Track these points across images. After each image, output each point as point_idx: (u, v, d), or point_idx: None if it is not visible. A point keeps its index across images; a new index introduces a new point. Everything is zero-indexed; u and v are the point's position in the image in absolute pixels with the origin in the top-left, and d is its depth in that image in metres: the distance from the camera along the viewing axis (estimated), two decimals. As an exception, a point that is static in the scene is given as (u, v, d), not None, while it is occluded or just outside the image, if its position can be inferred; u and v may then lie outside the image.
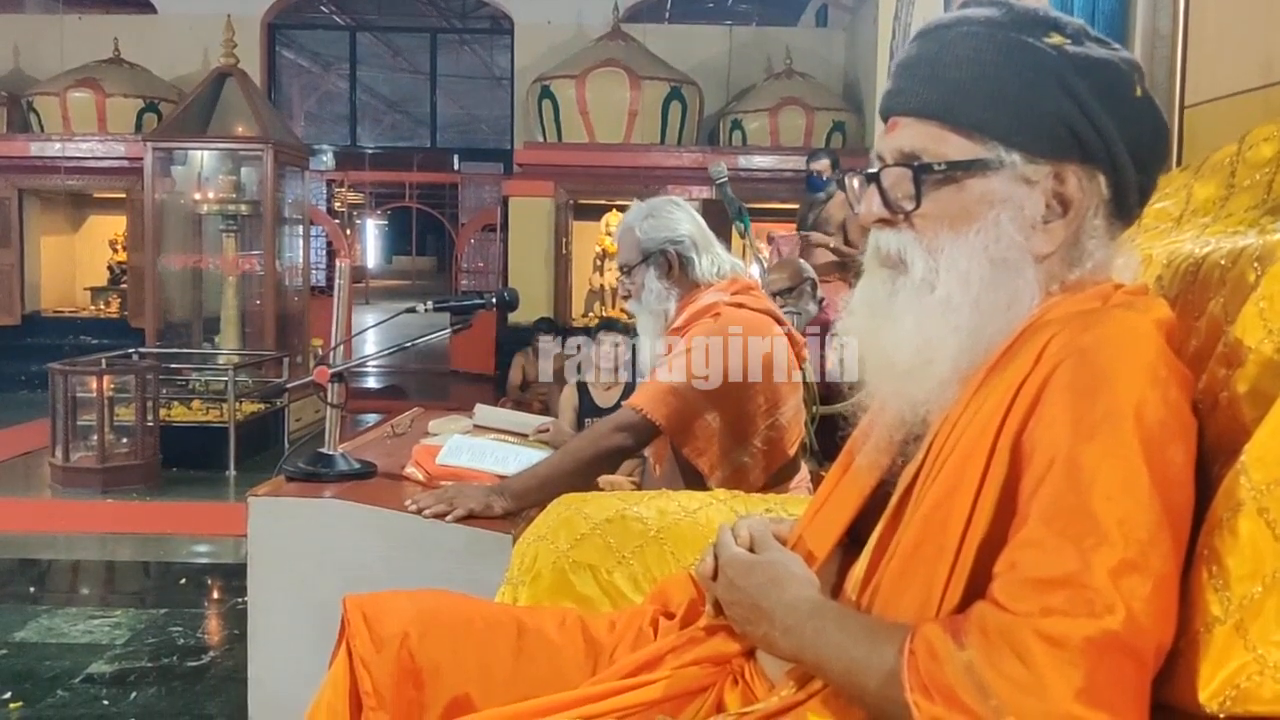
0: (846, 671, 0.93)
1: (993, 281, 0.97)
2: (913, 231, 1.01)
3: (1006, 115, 0.97)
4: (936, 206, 0.99)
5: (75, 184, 8.82)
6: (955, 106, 0.99)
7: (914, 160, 1.00)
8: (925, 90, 1.00)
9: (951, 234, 0.99)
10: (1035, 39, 0.98)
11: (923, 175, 0.99)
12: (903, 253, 1.01)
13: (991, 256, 0.98)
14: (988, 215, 0.98)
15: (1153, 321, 0.93)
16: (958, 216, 0.99)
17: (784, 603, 1.00)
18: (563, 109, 8.57)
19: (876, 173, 1.03)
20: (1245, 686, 0.81)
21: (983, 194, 0.98)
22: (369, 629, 1.18)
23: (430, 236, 23.74)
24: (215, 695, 2.99)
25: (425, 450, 2.24)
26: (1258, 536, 0.82)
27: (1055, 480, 0.86)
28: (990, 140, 0.98)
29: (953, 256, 0.98)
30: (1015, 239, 0.98)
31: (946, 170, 0.98)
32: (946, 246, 0.99)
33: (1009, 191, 0.98)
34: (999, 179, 0.98)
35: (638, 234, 2.26)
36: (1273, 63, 1.60)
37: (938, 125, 0.99)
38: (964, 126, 0.98)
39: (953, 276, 0.98)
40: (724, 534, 1.10)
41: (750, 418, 2.16)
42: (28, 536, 4.77)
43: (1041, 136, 0.97)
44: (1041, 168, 0.98)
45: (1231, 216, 1.15)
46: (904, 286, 1.01)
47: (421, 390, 9.24)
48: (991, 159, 0.98)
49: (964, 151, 0.98)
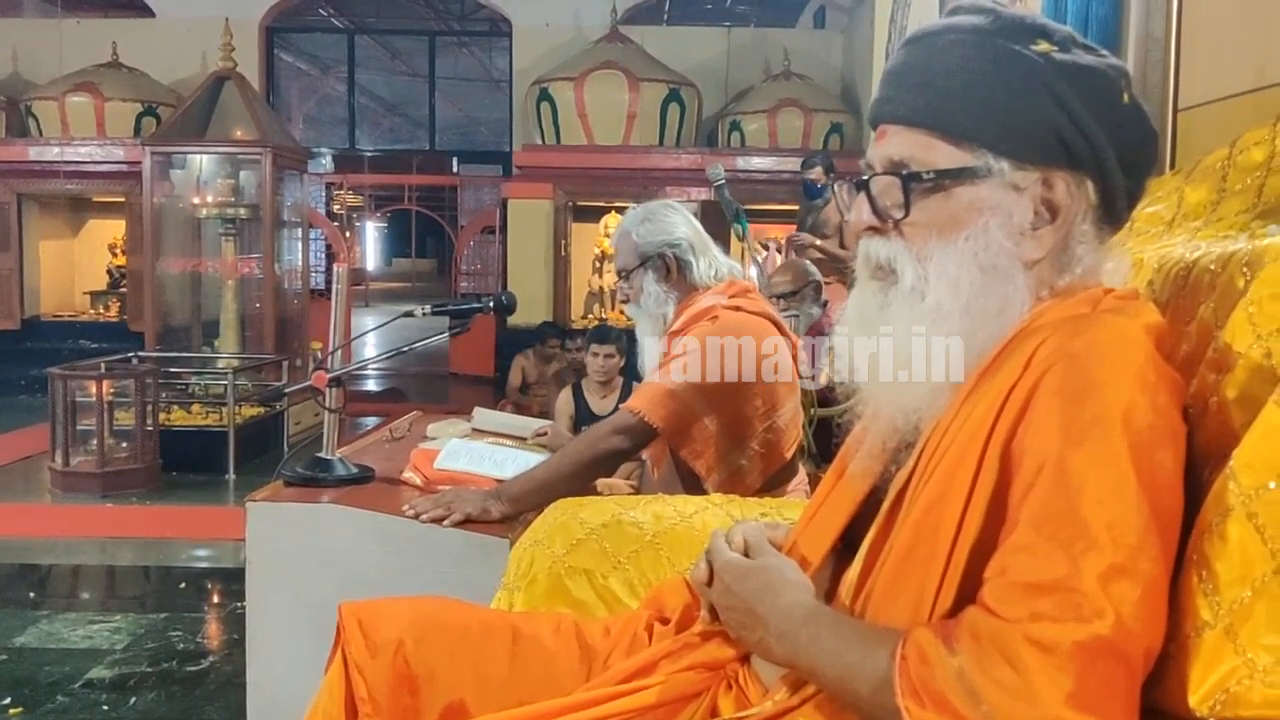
0: (840, 677, 0.93)
1: (983, 288, 0.98)
2: (902, 240, 1.01)
3: (995, 123, 0.98)
4: (925, 215, 0.99)
5: (74, 188, 8.82)
6: (943, 114, 0.99)
7: (902, 168, 1.00)
8: (914, 98, 1.01)
9: (940, 242, 0.99)
10: (1023, 47, 0.99)
11: (911, 184, 0.99)
12: (892, 261, 1.02)
13: (981, 263, 0.98)
14: (976, 223, 0.98)
15: (1142, 326, 0.93)
16: (946, 224, 0.99)
17: (779, 608, 1.00)
18: (561, 111, 8.57)
19: (866, 181, 1.03)
20: (1235, 690, 0.81)
21: (971, 201, 0.98)
22: (364, 635, 1.18)
23: (430, 239, 23.75)
24: (215, 700, 2.99)
25: (423, 454, 2.24)
26: (1247, 541, 0.83)
27: (1044, 485, 0.87)
28: (979, 148, 0.98)
29: (942, 264, 0.99)
30: (1005, 245, 0.98)
31: (935, 179, 0.99)
32: (936, 254, 0.99)
33: (997, 199, 0.98)
34: (987, 186, 0.98)
35: (635, 238, 2.27)
36: (1265, 66, 1.61)
37: (926, 133, 1.00)
38: (952, 135, 0.99)
39: (943, 284, 0.98)
40: (718, 539, 1.10)
41: (747, 420, 2.17)
42: (27, 541, 4.78)
43: (1029, 144, 0.98)
44: (1030, 174, 0.98)
45: (1222, 221, 1.16)
46: (895, 296, 1.01)
47: (421, 393, 9.24)
48: (980, 166, 0.98)
49: (952, 160, 0.99)
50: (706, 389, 2.10)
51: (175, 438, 5.93)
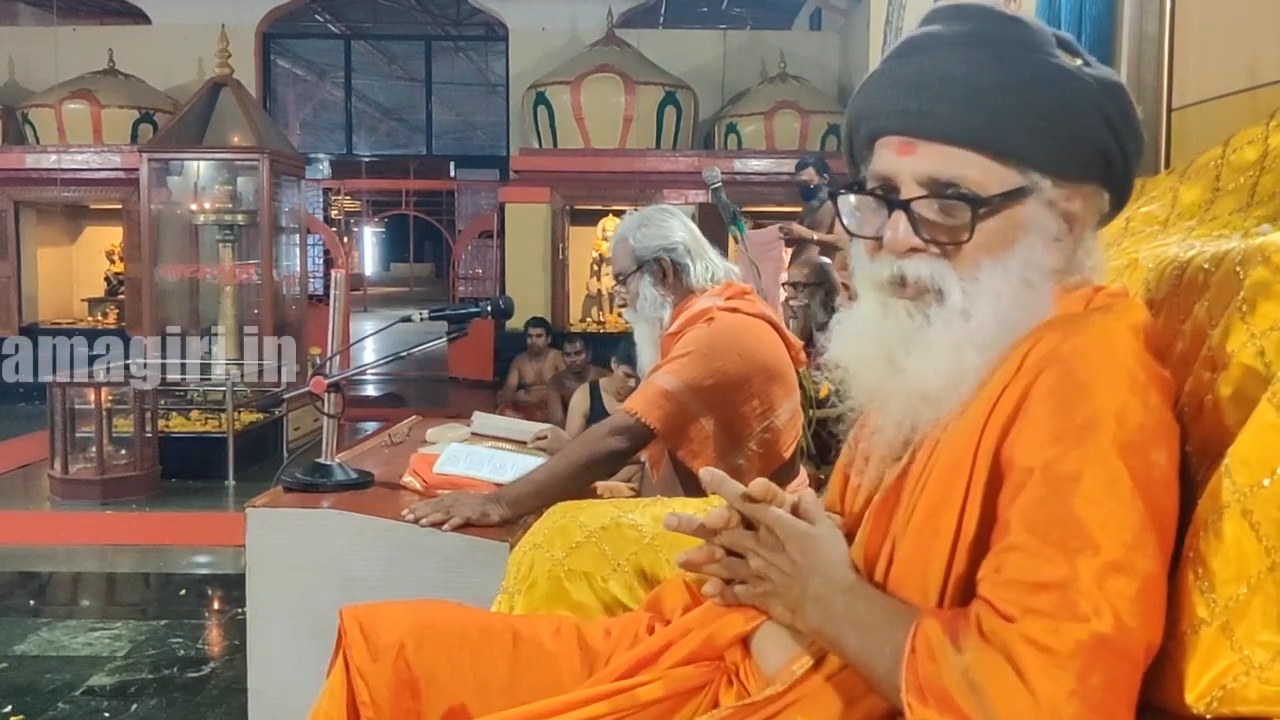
0: (861, 650, 0.95)
1: (1020, 301, 0.97)
2: (948, 261, 0.98)
3: (1046, 143, 0.96)
4: (981, 235, 0.96)
5: (71, 195, 8.82)
6: (994, 134, 0.96)
7: (949, 188, 0.97)
8: (959, 115, 0.96)
9: (990, 261, 0.97)
10: (1064, 60, 0.97)
11: (980, 209, 0.96)
12: (937, 281, 0.98)
13: (1023, 279, 0.97)
14: (1022, 241, 0.97)
15: (1128, 326, 0.94)
16: (997, 244, 0.97)
17: (828, 574, 1.00)
18: (558, 115, 8.58)
19: (908, 201, 0.98)
20: (1232, 687, 0.82)
21: (1019, 221, 0.97)
22: (365, 640, 1.19)
23: (428, 243, 23.78)
24: (216, 706, 2.99)
25: (422, 459, 2.25)
26: (1242, 538, 0.83)
27: (1037, 487, 0.87)
28: (1027, 168, 0.97)
29: (990, 283, 0.96)
30: (1043, 260, 0.98)
31: (999, 203, 0.96)
32: (985, 274, 0.97)
33: (1038, 215, 0.98)
34: (1032, 204, 0.97)
35: (632, 243, 2.28)
36: (1259, 64, 1.61)
37: (974, 152, 0.96)
38: (1002, 154, 0.96)
39: (987, 302, 0.96)
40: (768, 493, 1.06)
41: (745, 421, 2.17)
42: (27, 549, 4.78)
43: (1075, 162, 0.98)
44: (1065, 190, 0.98)
45: (1216, 220, 1.16)
46: (938, 316, 0.98)
47: (420, 397, 9.23)
48: (1029, 186, 0.97)
49: (1004, 180, 0.96)
50: (703, 390, 2.11)
51: (174, 444, 5.93)
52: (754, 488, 1.04)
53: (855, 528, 1.09)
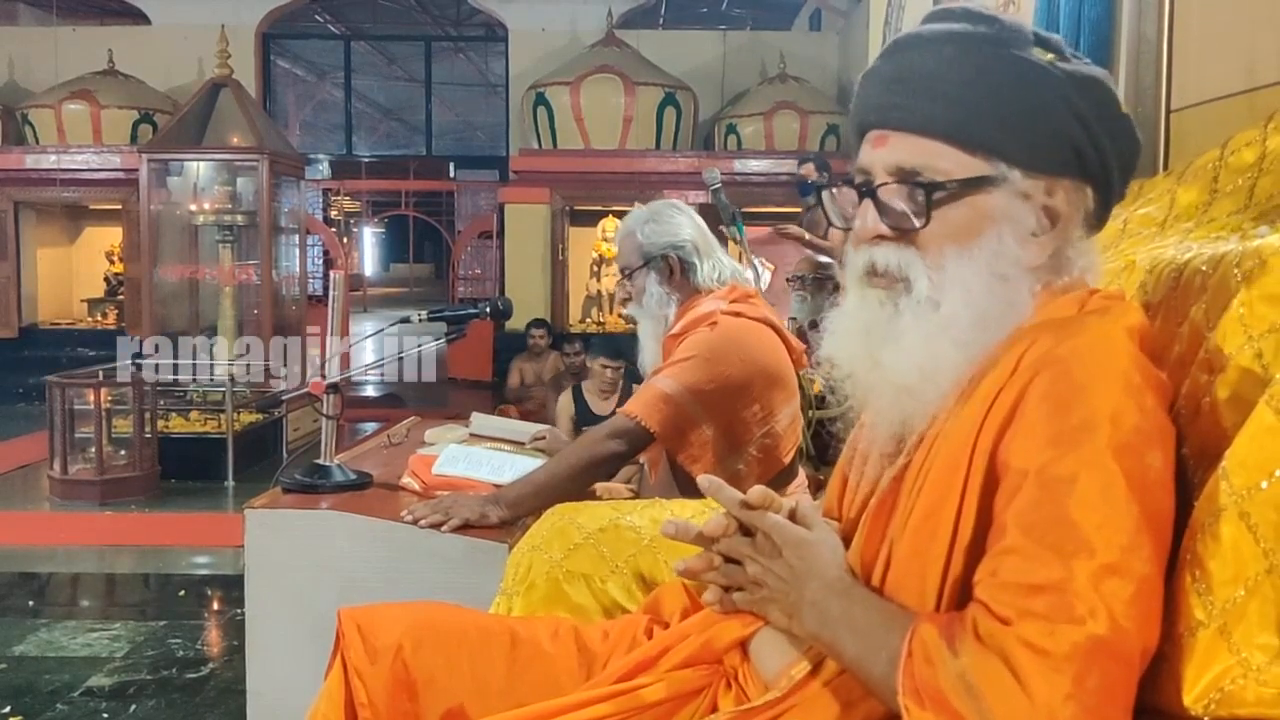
0: (858, 655, 0.95)
1: (993, 295, 0.98)
2: (914, 249, 1.00)
3: (1013, 134, 0.97)
4: (942, 224, 0.98)
5: (71, 196, 8.83)
6: (961, 124, 0.98)
7: (914, 177, 0.99)
8: (927, 106, 0.99)
9: (956, 250, 0.98)
10: (1033, 56, 0.99)
11: (934, 193, 0.98)
12: (904, 269, 1.00)
13: (994, 271, 0.98)
14: (990, 231, 0.98)
15: (1124, 329, 0.94)
16: (962, 233, 0.98)
17: (825, 578, 1.01)
18: (558, 115, 8.59)
19: (874, 188, 1.01)
20: (1229, 689, 0.82)
21: (986, 210, 0.98)
22: (363, 641, 1.19)
23: (428, 244, 23.76)
24: (215, 707, 2.99)
25: (421, 460, 2.25)
26: (1239, 541, 0.83)
27: (1032, 490, 0.87)
28: (993, 157, 0.98)
29: (957, 273, 0.98)
30: (1015, 253, 0.98)
31: (957, 188, 0.98)
32: (951, 263, 0.98)
33: (1009, 207, 0.98)
34: (1000, 195, 0.98)
35: (639, 238, 2.26)
36: (1257, 67, 1.61)
37: (940, 142, 0.98)
38: (969, 144, 0.98)
39: (956, 293, 0.98)
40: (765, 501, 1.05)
41: (745, 425, 2.17)
42: (26, 549, 4.77)
43: (1044, 154, 0.98)
44: (1038, 183, 0.99)
45: (1214, 222, 1.16)
46: (907, 306, 1.00)
47: (420, 398, 9.22)
48: (995, 175, 0.98)
49: (968, 169, 0.98)
50: (703, 395, 2.10)
51: (174, 445, 5.92)
52: (752, 495, 1.04)
53: (852, 532, 1.09)
